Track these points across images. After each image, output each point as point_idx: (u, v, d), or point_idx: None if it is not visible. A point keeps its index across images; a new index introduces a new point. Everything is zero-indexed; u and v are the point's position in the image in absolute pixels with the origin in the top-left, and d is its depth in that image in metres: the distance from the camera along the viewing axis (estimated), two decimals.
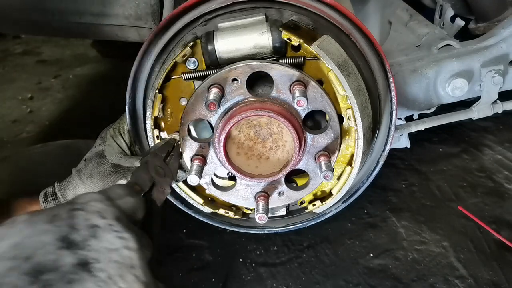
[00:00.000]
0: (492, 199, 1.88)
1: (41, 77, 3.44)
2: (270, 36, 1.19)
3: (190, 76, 1.26)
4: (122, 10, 1.67)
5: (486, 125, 2.30)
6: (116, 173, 1.33)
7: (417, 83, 1.69)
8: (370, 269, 1.60)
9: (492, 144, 2.22)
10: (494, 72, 1.68)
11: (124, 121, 1.40)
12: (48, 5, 1.71)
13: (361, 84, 1.26)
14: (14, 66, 3.72)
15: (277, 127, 1.28)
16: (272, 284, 1.56)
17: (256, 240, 1.73)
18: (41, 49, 4.04)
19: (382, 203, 1.89)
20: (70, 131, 2.62)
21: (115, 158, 1.33)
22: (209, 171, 1.35)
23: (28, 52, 3.99)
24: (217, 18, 1.26)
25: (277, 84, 1.20)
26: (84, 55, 3.85)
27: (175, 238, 1.77)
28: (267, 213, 1.35)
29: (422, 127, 1.75)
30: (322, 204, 1.42)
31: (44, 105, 3.01)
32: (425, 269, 1.58)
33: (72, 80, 3.39)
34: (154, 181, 1.14)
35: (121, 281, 0.78)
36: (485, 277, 1.54)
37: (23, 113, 2.90)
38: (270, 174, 1.32)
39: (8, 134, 2.66)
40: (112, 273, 0.78)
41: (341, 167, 1.34)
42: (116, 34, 1.76)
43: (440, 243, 1.68)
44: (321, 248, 1.69)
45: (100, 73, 3.49)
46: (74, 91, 3.21)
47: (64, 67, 3.62)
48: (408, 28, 1.90)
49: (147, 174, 1.14)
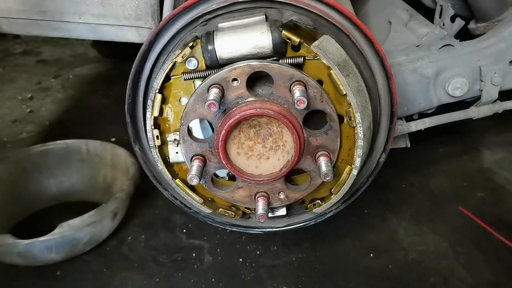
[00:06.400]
0: (492, 199, 1.88)
1: (41, 77, 3.44)
2: (270, 36, 1.19)
3: (190, 76, 1.26)
4: (122, 10, 1.67)
5: (486, 125, 2.30)
6: None
7: (417, 83, 1.69)
8: (370, 269, 1.60)
9: (492, 144, 2.22)
10: (494, 72, 1.68)
11: None
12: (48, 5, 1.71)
13: (361, 84, 1.27)
14: (14, 66, 3.72)
15: (277, 127, 1.28)
16: (272, 284, 1.56)
17: (256, 240, 1.73)
18: (41, 49, 4.04)
19: (382, 203, 1.89)
20: (70, 131, 2.62)
21: None
22: (209, 171, 1.35)
23: (28, 52, 4.00)
24: (217, 18, 1.26)
25: (277, 84, 1.20)
26: (84, 55, 3.85)
27: (175, 238, 1.77)
28: (267, 213, 1.35)
29: (422, 127, 1.75)
30: (322, 204, 1.42)
31: (44, 105, 3.01)
32: (425, 269, 1.58)
33: (72, 80, 3.39)
34: None
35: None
36: (485, 277, 1.53)
37: (23, 113, 2.90)
38: (270, 174, 1.32)
39: (8, 134, 2.66)
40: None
41: (341, 167, 1.34)
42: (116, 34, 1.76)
43: (440, 243, 1.68)
44: (321, 248, 1.69)
45: (100, 73, 3.49)
46: (74, 91, 3.21)
47: (64, 67, 3.62)
48: (408, 28, 1.90)
49: None
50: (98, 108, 2.92)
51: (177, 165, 1.41)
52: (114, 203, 1.66)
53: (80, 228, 1.57)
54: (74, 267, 1.65)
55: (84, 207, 1.66)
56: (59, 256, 1.61)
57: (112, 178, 1.95)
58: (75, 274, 1.63)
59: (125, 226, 1.83)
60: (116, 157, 1.93)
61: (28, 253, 1.55)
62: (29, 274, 1.63)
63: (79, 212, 1.59)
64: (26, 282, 1.62)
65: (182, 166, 1.40)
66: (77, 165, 2.01)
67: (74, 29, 1.75)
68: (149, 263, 1.66)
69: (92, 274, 1.63)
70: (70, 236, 1.57)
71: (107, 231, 1.73)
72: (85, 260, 1.68)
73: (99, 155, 1.98)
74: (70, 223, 1.55)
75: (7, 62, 3.80)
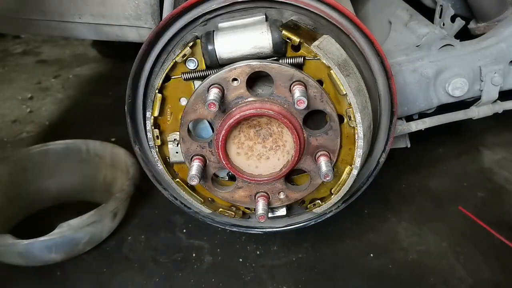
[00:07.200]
0: (492, 199, 1.87)
1: (41, 77, 3.45)
2: (270, 36, 1.19)
3: (190, 76, 1.26)
4: (122, 10, 1.67)
5: (486, 125, 2.30)
6: None
7: (417, 83, 1.69)
8: (370, 269, 1.60)
9: (492, 144, 2.22)
10: (494, 72, 1.68)
11: None
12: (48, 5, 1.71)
13: (361, 84, 1.26)
14: (14, 66, 3.73)
15: (277, 127, 1.28)
16: (272, 284, 1.56)
17: (256, 240, 1.73)
18: (41, 49, 4.05)
19: (382, 203, 1.89)
20: (70, 131, 2.62)
21: None
22: (209, 171, 1.35)
23: (28, 52, 4.00)
24: (217, 18, 1.26)
25: (277, 84, 1.20)
26: (84, 55, 3.85)
27: (175, 238, 1.77)
28: (267, 213, 1.35)
29: (422, 127, 1.75)
30: (323, 204, 1.42)
31: (44, 105, 3.01)
32: (425, 269, 1.58)
33: (72, 80, 3.39)
34: None
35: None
36: (485, 278, 1.53)
37: (23, 113, 2.90)
38: (270, 174, 1.32)
39: (8, 134, 2.66)
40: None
41: (341, 167, 1.34)
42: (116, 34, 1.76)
43: (440, 243, 1.68)
44: (321, 248, 1.69)
45: (100, 73, 3.50)
46: (74, 91, 3.21)
47: (64, 67, 3.62)
48: (408, 28, 1.90)
49: None
50: (98, 108, 2.92)
51: (177, 165, 1.41)
52: (114, 203, 1.66)
53: (80, 228, 1.57)
54: (74, 267, 1.65)
55: (84, 207, 1.65)
56: (59, 256, 1.61)
57: (112, 178, 1.95)
58: (75, 274, 1.63)
59: (125, 226, 1.83)
60: (116, 157, 1.93)
61: (28, 253, 1.55)
62: (29, 274, 1.63)
63: (79, 212, 1.59)
64: (26, 282, 1.62)
65: (182, 166, 1.40)
66: (77, 165, 2.01)
67: (74, 29, 1.75)
68: (149, 263, 1.66)
69: (92, 274, 1.63)
70: (70, 236, 1.57)
71: (107, 231, 1.73)
72: (85, 260, 1.68)
73: (99, 155, 1.98)
74: (70, 223, 1.55)
75: (7, 62, 3.80)
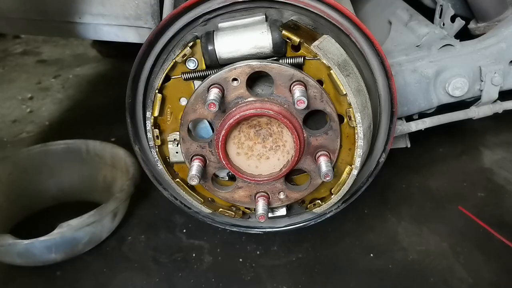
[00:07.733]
0: (492, 199, 1.87)
1: (41, 77, 3.44)
2: (270, 36, 1.19)
3: (190, 76, 1.26)
4: (122, 10, 1.67)
5: (486, 125, 2.30)
6: None
7: (417, 83, 1.69)
8: (370, 269, 1.60)
9: (492, 144, 2.22)
10: (494, 72, 1.68)
11: None
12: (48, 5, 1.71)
13: (361, 84, 1.27)
14: (14, 66, 3.72)
15: (277, 127, 1.28)
16: (272, 284, 1.56)
17: (256, 240, 1.73)
18: (41, 49, 4.04)
19: (382, 203, 1.89)
20: (70, 131, 2.61)
21: None
22: (209, 171, 1.35)
23: (28, 52, 4.00)
24: (217, 18, 1.26)
25: (277, 84, 1.20)
26: (84, 55, 3.85)
27: (175, 238, 1.77)
28: (267, 213, 1.35)
29: (422, 127, 1.75)
30: (323, 204, 1.42)
31: (44, 105, 3.01)
32: (425, 269, 1.58)
33: (72, 80, 3.39)
34: None
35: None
36: (485, 278, 1.53)
37: (23, 113, 2.90)
38: (270, 174, 1.32)
39: (8, 134, 2.66)
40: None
41: (341, 167, 1.34)
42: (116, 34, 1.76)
43: (440, 243, 1.68)
44: (321, 248, 1.69)
45: (100, 73, 3.49)
46: (74, 91, 3.21)
47: (64, 67, 3.62)
48: (408, 28, 1.90)
49: None
50: (98, 108, 2.91)
51: (177, 165, 1.41)
52: (114, 203, 1.66)
53: (80, 228, 1.57)
54: (74, 267, 1.65)
55: (84, 207, 1.65)
56: (59, 256, 1.61)
57: (112, 178, 1.94)
58: (75, 274, 1.63)
59: (125, 226, 1.83)
60: (116, 157, 1.93)
61: (28, 253, 1.55)
62: (29, 274, 1.63)
63: (79, 212, 1.59)
64: (26, 282, 1.62)
65: (182, 166, 1.40)
66: (77, 165, 2.01)
67: (74, 29, 1.76)
68: (149, 263, 1.66)
69: (92, 274, 1.63)
70: (70, 236, 1.57)
71: (107, 231, 1.73)
72: (85, 260, 1.68)
73: (99, 155, 1.98)
74: (70, 223, 1.55)
75: (7, 62, 3.80)
